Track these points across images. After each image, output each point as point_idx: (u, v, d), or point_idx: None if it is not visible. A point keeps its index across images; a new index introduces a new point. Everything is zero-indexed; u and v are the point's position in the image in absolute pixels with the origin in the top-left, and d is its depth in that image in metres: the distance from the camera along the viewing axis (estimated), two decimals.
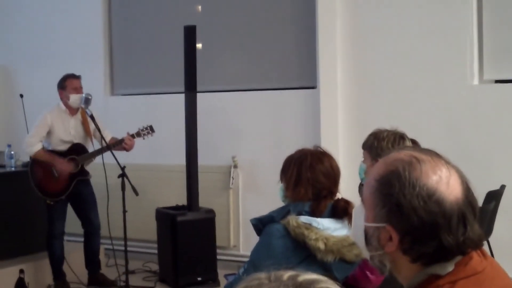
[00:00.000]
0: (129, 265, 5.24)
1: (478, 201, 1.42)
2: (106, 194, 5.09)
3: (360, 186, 3.45)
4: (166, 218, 5.59)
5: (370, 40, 5.62)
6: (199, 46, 5.91)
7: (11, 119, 7.20)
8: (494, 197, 4.42)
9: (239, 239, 6.16)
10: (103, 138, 5.20)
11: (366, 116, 5.53)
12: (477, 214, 1.39)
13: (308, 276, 0.98)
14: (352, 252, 2.50)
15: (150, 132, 5.44)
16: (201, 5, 6.50)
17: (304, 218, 2.53)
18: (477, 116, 5.22)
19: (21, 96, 6.36)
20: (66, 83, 5.34)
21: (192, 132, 5.62)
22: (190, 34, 5.56)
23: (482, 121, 5.20)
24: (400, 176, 1.36)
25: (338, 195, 2.68)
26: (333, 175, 2.64)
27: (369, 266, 2.07)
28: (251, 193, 6.10)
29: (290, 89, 6.05)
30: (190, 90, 5.61)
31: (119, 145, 5.30)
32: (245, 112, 6.16)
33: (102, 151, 5.27)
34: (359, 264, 2.59)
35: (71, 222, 5.57)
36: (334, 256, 2.50)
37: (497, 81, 5.29)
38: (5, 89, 7.39)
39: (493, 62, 5.23)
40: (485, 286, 1.38)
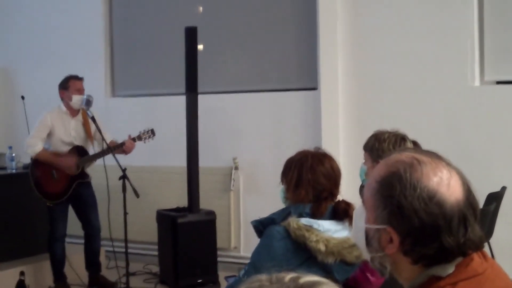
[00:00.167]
0: (129, 267, 5.24)
1: (479, 203, 1.42)
2: (107, 196, 5.09)
3: (361, 187, 3.45)
4: (167, 220, 5.59)
5: (371, 41, 5.62)
6: (200, 47, 5.91)
7: (12, 121, 7.20)
8: (494, 198, 4.42)
9: (239, 241, 6.16)
10: (104, 139, 5.19)
11: (367, 117, 5.53)
12: (478, 216, 1.39)
13: (310, 278, 0.98)
14: (353, 253, 2.50)
15: (151, 135, 5.43)
16: (202, 6, 6.50)
17: (304, 220, 2.53)
18: (478, 117, 5.22)
19: (22, 98, 6.37)
20: (69, 84, 5.34)
21: (193, 134, 5.62)
22: (191, 36, 5.56)
23: (483, 123, 5.20)
24: (401, 177, 1.36)
25: (339, 197, 2.68)
26: (334, 176, 2.63)
27: (369, 267, 2.06)
28: (251, 195, 6.10)
29: (291, 91, 6.05)
30: (191, 91, 5.61)
31: (120, 148, 5.30)
32: (246, 113, 6.16)
33: (103, 154, 5.27)
34: (360, 266, 2.58)
35: (72, 224, 5.57)
36: (334, 258, 2.49)
37: (498, 82, 5.29)
38: (6, 91, 7.39)
39: (494, 63, 5.23)
40: None
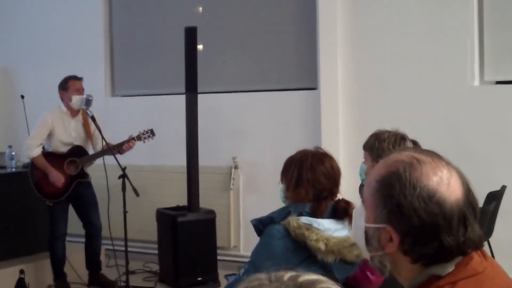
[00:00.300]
0: (129, 265, 5.24)
1: (479, 202, 1.42)
2: (106, 195, 5.09)
3: (361, 187, 3.45)
4: (167, 218, 5.59)
5: (370, 41, 5.62)
6: (200, 47, 5.91)
7: (12, 120, 7.19)
8: (494, 197, 4.42)
9: (239, 240, 6.16)
10: (103, 139, 5.19)
11: (367, 117, 5.53)
12: (478, 215, 1.39)
13: (309, 277, 0.98)
14: (353, 252, 2.50)
15: (151, 135, 5.43)
16: (202, 6, 6.50)
17: (304, 219, 2.53)
18: (477, 117, 5.22)
19: (22, 97, 6.37)
20: (69, 84, 5.34)
21: (193, 133, 5.62)
22: (191, 35, 5.56)
23: (483, 122, 5.20)
24: (401, 177, 1.36)
25: (339, 196, 2.68)
26: (333, 176, 2.63)
27: (369, 266, 2.07)
28: (251, 194, 6.11)
29: (290, 90, 6.05)
30: (191, 91, 5.61)
31: (120, 147, 5.29)
32: (245, 113, 6.16)
33: (102, 153, 5.27)
34: (360, 264, 2.58)
35: (72, 223, 5.57)
36: (334, 257, 2.50)
37: (498, 82, 5.29)
38: (6, 90, 7.39)
39: (493, 63, 5.23)
40: (486, 287, 1.38)
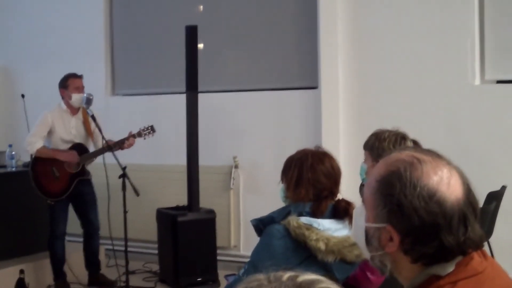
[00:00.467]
0: (129, 265, 5.24)
1: (479, 202, 1.42)
2: (106, 194, 5.09)
3: (361, 186, 3.45)
4: (167, 218, 5.58)
5: (371, 40, 5.62)
6: (200, 46, 5.91)
7: (12, 119, 7.19)
8: (495, 197, 4.42)
9: (239, 240, 6.16)
10: (103, 137, 5.19)
11: (367, 116, 5.53)
12: (478, 215, 1.39)
13: (308, 277, 0.97)
14: (353, 252, 2.50)
15: (151, 132, 5.42)
16: (202, 5, 6.50)
17: (304, 219, 2.52)
18: (478, 116, 5.22)
19: (22, 96, 6.37)
20: (68, 82, 5.34)
21: (193, 132, 5.62)
22: (192, 34, 5.56)
23: (484, 122, 5.20)
24: (401, 176, 1.36)
25: (339, 196, 2.68)
26: (334, 175, 2.63)
27: (369, 266, 2.06)
28: (251, 194, 6.10)
29: (291, 89, 6.04)
30: (191, 90, 5.61)
31: (121, 145, 5.28)
32: (246, 112, 6.16)
33: (103, 151, 5.27)
34: (360, 264, 2.58)
35: (71, 222, 5.56)
36: (334, 257, 2.49)
37: (499, 81, 5.29)
38: (6, 89, 7.39)
39: (494, 62, 5.22)
40: (486, 287, 1.38)
